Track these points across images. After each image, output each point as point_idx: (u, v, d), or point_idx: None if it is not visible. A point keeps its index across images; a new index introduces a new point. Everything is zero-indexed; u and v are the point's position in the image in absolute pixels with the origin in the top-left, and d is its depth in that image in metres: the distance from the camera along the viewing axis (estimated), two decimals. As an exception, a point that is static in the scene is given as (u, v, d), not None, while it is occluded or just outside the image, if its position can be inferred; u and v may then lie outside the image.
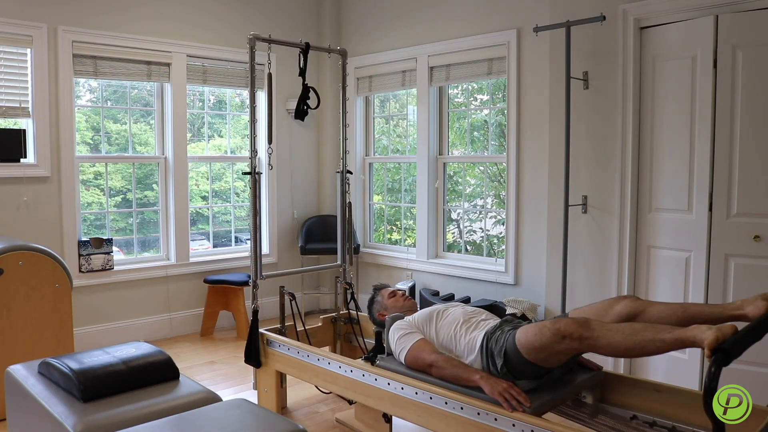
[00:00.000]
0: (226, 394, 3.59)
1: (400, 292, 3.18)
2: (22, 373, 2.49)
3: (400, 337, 2.70)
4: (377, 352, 2.91)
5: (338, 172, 3.89)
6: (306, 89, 3.54)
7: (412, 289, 4.91)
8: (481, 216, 5.11)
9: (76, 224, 4.48)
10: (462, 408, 2.39)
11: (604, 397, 2.66)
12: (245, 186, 5.53)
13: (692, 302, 2.76)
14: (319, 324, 3.76)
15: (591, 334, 2.13)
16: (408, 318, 2.82)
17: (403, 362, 2.68)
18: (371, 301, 3.24)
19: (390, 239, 5.70)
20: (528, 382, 2.38)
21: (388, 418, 2.97)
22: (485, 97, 5.03)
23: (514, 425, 2.23)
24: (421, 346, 2.62)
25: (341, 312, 3.81)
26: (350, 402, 3.35)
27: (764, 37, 3.09)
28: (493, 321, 2.65)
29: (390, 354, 2.81)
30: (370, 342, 3.68)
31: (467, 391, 2.41)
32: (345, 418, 3.32)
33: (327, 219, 5.68)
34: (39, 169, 4.26)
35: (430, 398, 2.50)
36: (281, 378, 3.41)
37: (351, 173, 3.93)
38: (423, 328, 2.73)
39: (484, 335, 2.51)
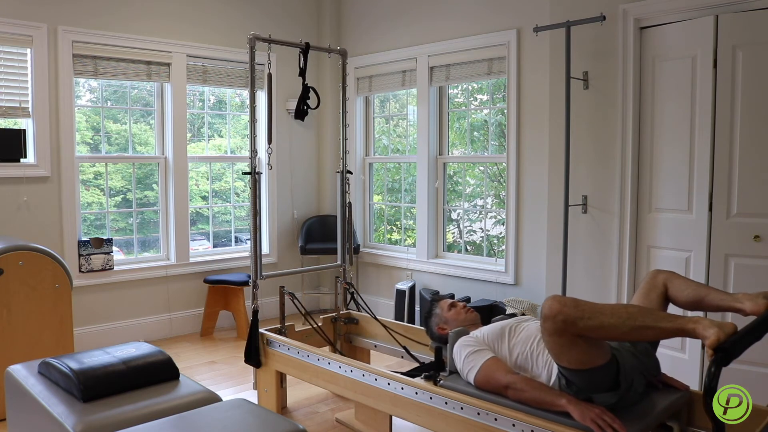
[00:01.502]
0: (226, 394, 3.59)
1: (461, 303, 2.90)
2: (22, 373, 2.49)
3: (468, 355, 2.46)
4: (438, 370, 2.65)
5: (338, 172, 3.89)
6: (306, 89, 3.55)
7: (413, 288, 4.91)
8: (481, 216, 5.10)
9: (76, 224, 4.48)
10: (462, 408, 2.38)
11: (691, 420, 2.43)
12: (245, 186, 5.53)
13: (704, 284, 2.65)
14: (320, 324, 3.76)
15: (580, 314, 2.00)
16: (475, 333, 2.58)
17: (471, 382, 2.43)
18: (429, 314, 2.95)
19: (390, 239, 5.70)
20: (606, 395, 2.16)
21: None
22: (485, 97, 5.02)
23: (514, 425, 2.23)
24: (494, 365, 2.38)
25: (341, 312, 3.81)
26: None
27: (764, 37, 3.09)
28: None
29: (453, 372, 2.58)
30: (370, 342, 3.69)
31: (469, 391, 2.40)
32: (345, 418, 3.32)
33: (327, 219, 5.68)
34: (39, 169, 4.26)
35: (430, 398, 2.50)
36: (281, 378, 3.41)
37: (351, 173, 3.93)
38: (493, 345, 2.48)
39: None
